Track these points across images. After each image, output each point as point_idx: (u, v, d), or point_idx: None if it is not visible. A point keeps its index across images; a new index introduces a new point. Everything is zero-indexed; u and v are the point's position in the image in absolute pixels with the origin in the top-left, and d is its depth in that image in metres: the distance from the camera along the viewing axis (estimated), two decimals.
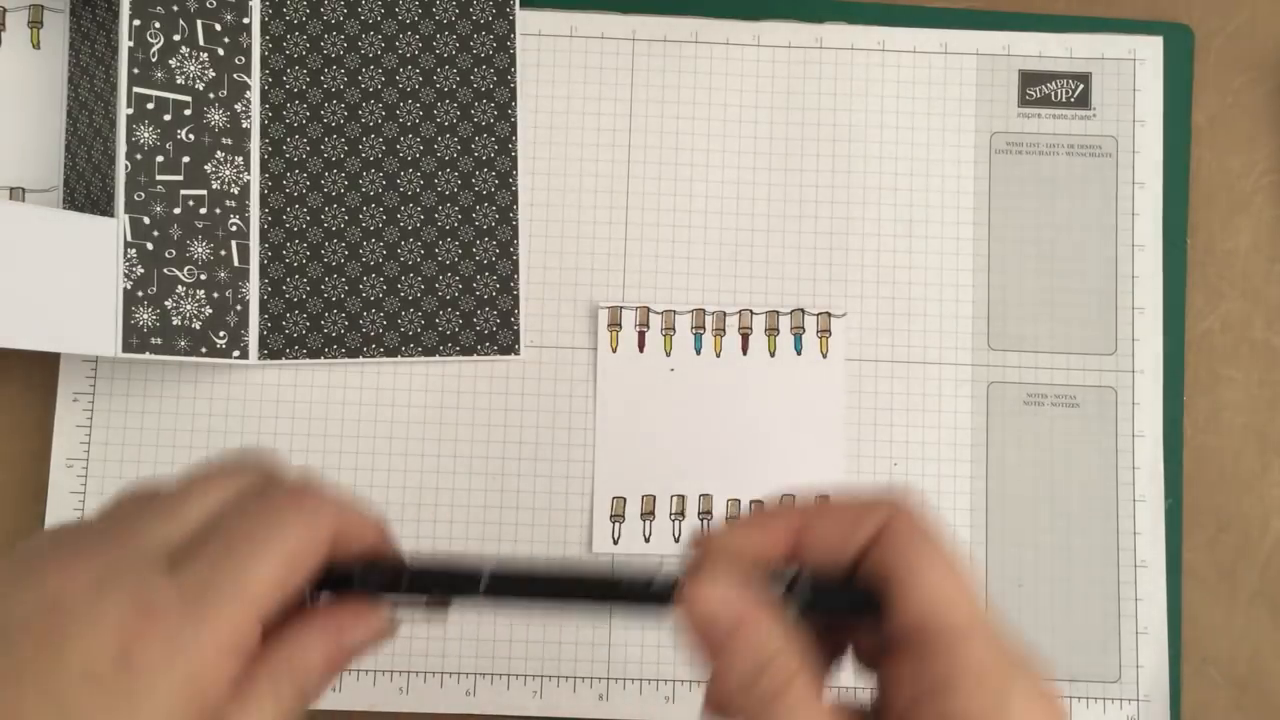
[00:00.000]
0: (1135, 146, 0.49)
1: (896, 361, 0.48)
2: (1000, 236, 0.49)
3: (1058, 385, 0.48)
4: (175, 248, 0.45)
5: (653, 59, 0.49)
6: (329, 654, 0.26)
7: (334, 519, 0.26)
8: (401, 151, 0.48)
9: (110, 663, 0.22)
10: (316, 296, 0.47)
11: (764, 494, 0.47)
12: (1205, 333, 0.49)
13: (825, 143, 0.49)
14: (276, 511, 0.25)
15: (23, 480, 0.47)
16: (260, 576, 0.24)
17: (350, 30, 0.48)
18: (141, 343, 0.44)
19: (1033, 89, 0.49)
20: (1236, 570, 0.48)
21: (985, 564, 0.47)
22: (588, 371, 0.48)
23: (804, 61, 0.49)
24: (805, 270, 0.48)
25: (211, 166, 0.46)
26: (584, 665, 0.46)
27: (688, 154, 0.49)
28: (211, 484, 0.26)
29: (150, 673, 0.22)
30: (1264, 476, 0.48)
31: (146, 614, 0.23)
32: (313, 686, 0.26)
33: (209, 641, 0.23)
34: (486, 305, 0.48)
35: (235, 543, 0.24)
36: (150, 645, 0.22)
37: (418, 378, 0.48)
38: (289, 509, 0.25)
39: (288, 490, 0.26)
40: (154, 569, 0.24)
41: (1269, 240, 0.49)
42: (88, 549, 0.24)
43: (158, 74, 0.45)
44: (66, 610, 0.22)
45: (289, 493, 0.26)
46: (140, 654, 0.22)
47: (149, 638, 0.22)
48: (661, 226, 0.48)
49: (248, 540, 0.24)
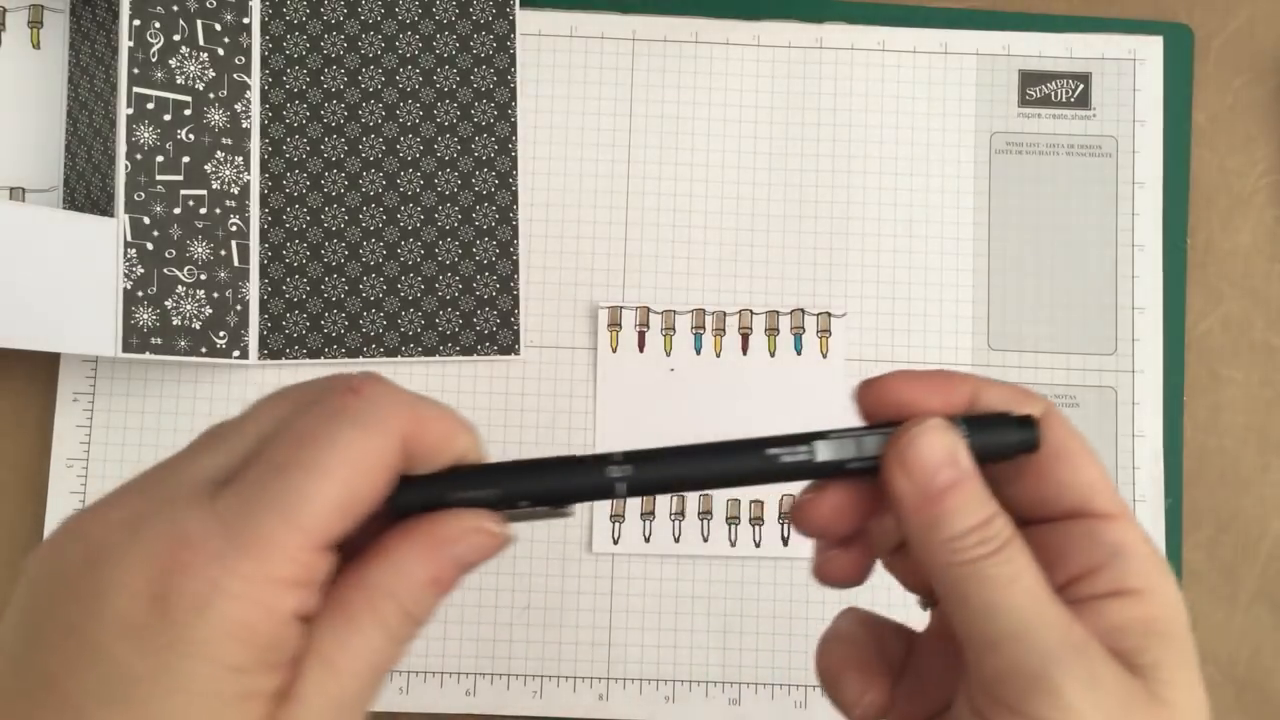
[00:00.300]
0: (1135, 146, 0.49)
1: (897, 361, 0.48)
2: (1000, 237, 0.49)
3: (1058, 385, 0.48)
4: (175, 248, 0.45)
5: (653, 59, 0.49)
6: (435, 571, 0.22)
7: (404, 421, 0.22)
8: (401, 151, 0.48)
9: (145, 611, 0.19)
10: (316, 296, 0.47)
11: (764, 494, 0.47)
12: (1205, 333, 0.49)
13: (825, 143, 0.49)
14: (331, 418, 0.21)
15: (23, 480, 0.47)
16: (314, 492, 0.20)
17: (350, 30, 0.48)
18: (141, 343, 0.44)
19: (1033, 89, 0.49)
20: (1236, 570, 0.48)
21: None
22: (588, 371, 0.48)
23: (804, 61, 0.49)
24: (805, 270, 0.48)
25: (211, 166, 0.46)
26: (584, 665, 0.46)
27: (688, 154, 0.49)
28: (270, 404, 0.23)
29: (189, 615, 0.19)
30: (1264, 476, 0.48)
31: (182, 549, 0.20)
32: (422, 607, 0.22)
33: (256, 572, 0.20)
34: (486, 305, 0.48)
35: (283, 458, 0.21)
36: (187, 584, 0.19)
37: (418, 378, 0.48)
38: (345, 413, 0.21)
39: (344, 391, 0.22)
40: (193, 500, 0.20)
41: (1269, 240, 0.49)
42: (129, 492, 0.21)
43: (158, 74, 0.45)
44: (102, 559, 0.20)
45: (345, 393, 0.22)
46: (176, 596, 0.19)
47: (185, 574, 0.19)
48: (661, 226, 0.48)
49: (297, 452, 0.21)
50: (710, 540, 0.47)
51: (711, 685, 0.46)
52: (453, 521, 0.22)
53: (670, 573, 0.47)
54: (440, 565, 0.22)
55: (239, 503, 0.20)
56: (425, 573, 0.22)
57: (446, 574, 0.22)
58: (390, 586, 0.22)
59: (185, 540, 0.20)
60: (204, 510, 0.20)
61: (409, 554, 0.22)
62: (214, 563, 0.19)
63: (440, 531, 0.22)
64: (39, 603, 0.20)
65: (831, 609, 0.30)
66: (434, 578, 0.22)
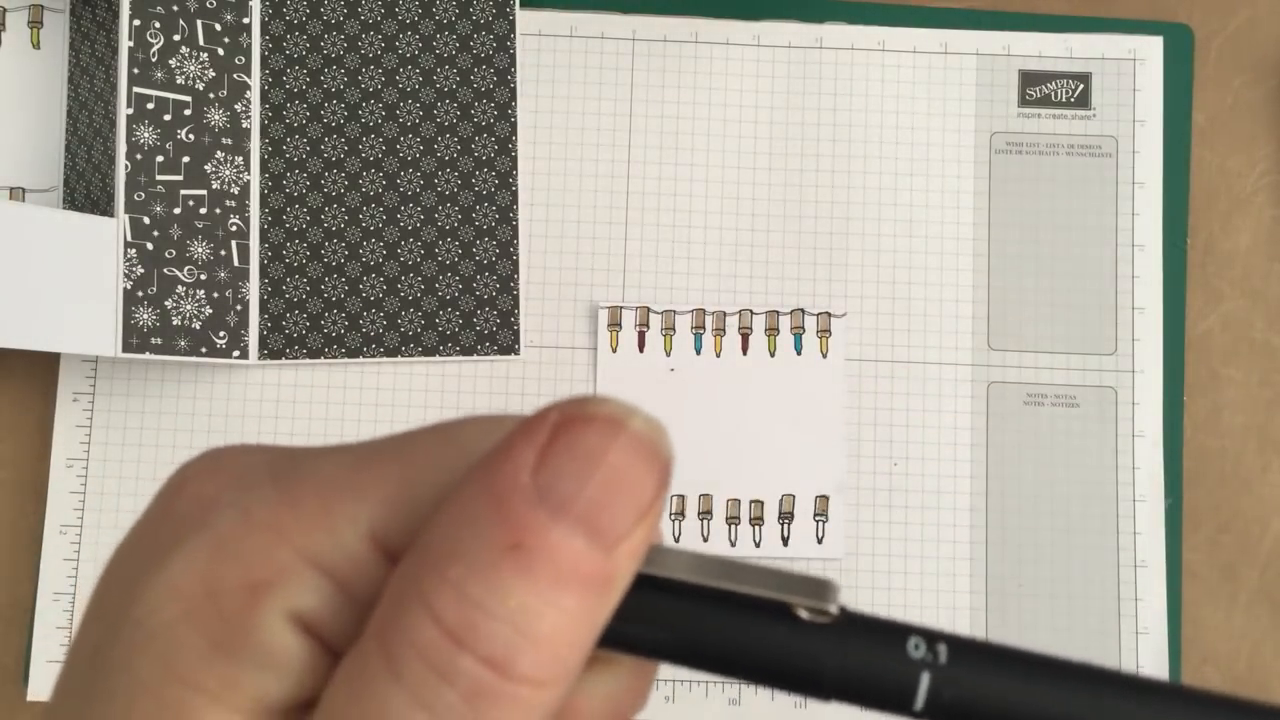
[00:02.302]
0: (1135, 146, 0.49)
1: (896, 361, 0.48)
2: (1000, 236, 0.49)
3: (1058, 385, 0.48)
4: (175, 248, 0.45)
5: (653, 59, 0.49)
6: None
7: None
8: (401, 151, 0.48)
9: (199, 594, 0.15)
10: (316, 296, 0.47)
11: (764, 494, 0.47)
12: (1205, 333, 0.49)
13: (825, 143, 0.49)
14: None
15: (23, 480, 0.47)
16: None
17: (350, 30, 0.48)
18: (141, 343, 0.44)
19: (1033, 89, 0.49)
20: (1236, 570, 0.48)
21: (985, 564, 0.47)
22: (588, 371, 0.48)
23: (804, 61, 0.49)
24: (805, 270, 0.48)
25: (211, 166, 0.46)
26: None
27: (688, 154, 0.49)
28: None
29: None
30: (1264, 476, 0.48)
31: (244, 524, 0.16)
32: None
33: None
34: (486, 305, 0.48)
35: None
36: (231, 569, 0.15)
37: (418, 378, 0.48)
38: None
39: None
40: (265, 476, 0.16)
41: (1269, 240, 0.49)
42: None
43: (158, 74, 0.45)
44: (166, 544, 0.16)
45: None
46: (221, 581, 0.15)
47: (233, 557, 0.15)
48: (661, 226, 0.48)
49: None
50: (710, 540, 0.47)
51: (711, 685, 0.46)
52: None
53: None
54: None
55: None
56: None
57: None
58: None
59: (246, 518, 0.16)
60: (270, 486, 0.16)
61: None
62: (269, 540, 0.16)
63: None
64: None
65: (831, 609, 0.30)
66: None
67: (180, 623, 0.15)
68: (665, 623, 0.15)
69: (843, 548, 0.47)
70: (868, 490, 0.47)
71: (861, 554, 0.47)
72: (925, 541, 0.47)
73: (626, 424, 0.15)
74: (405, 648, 0.14)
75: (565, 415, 0.15)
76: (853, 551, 0.47)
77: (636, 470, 0.15)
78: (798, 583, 0.15)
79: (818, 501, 0.47)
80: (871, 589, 0.47)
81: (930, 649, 0.14)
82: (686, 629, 0.15)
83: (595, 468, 0.15)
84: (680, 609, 0.15)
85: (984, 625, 0.47)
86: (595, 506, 0.15)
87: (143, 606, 0.15)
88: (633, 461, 0.15)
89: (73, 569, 0.46)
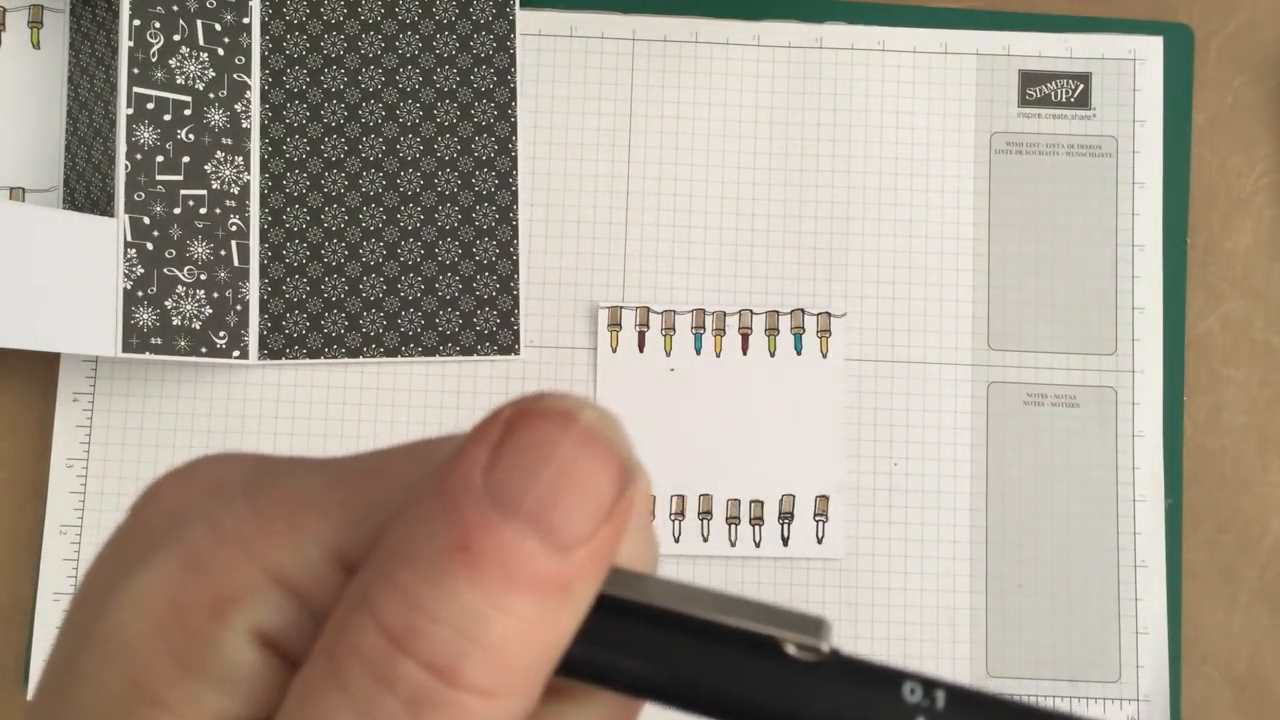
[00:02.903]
0: (1135, 146, 0.49)
1: (896, 361, 0.48)
2: (1000, 236, 0.49)
3: (1058, 385, 0.48)
4: (175, 248, 0.45)
5: (653, 59, 0.49)
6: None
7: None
8: (401, 151, 0.48)
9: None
10: (316, 296, 0.47)
11: (764, 494, 0.47)
12: (1205, 333, 0.49)
13: (825, 143, 0.49)
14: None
15: (23, 480, 0.47)
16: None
17: (350, 30, 0.48)
18: (141, 343, 0.44)
19: (1033, 89, 0.49)
20: (1236, 570, 0.48)
21: (985, 564, 0.47)
22: (588, 371, 0.48)
23: (804, 61, 0.49)
24: (805, 270, 0.48)
25: (211, 166, 0.46)
26: None
27: (688, 154, 0.49)
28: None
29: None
30: (1264, 476, 0.48)
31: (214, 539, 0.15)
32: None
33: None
34: (486, 305, 0.48)
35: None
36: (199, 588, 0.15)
37: (418, 378, 0.48)
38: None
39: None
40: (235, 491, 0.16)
41: (1269, 240, 0.49)
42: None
43: (158, 74, 0.45)
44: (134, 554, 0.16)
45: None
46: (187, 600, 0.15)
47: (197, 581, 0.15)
48: (661, 226, 0.48)
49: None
50: (710, 540, 0.47)
51: None
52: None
53: (670, 572, 0.47)
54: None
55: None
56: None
57: None
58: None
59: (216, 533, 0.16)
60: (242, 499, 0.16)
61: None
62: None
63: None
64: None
65: (831, 609, 0.30)
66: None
67: (146, 640, 0.15)
68: (644, 652, 0.14)
69: (843, 548, 0.47)
70: (868, 490, 0.47)
71: (861, 554, 0.47)
72: (925, 541, 0.47)
73: (578, 417, 0.15)
74: (348, 654, 0.14)
75: (518, 411, 0.15)
76: (853, 551, 0.47)
77: (590, 465, 0.14)
78: (788, 618, 0.14)
79: (818, 501, 0.47)
80: (871, 589, 0.47)
81: (927, 695, 0.14)
82: (666, 660, 0.14)
83: (545, 464, 0.14)
84: (661, 639, 0.14)
85: (984, 625, 0.47)
86: (547, 505, 0.14)
87: (110, 622, 0.15)
88: (584, 456, 0.14)
89: (73, 569, 0.46)
